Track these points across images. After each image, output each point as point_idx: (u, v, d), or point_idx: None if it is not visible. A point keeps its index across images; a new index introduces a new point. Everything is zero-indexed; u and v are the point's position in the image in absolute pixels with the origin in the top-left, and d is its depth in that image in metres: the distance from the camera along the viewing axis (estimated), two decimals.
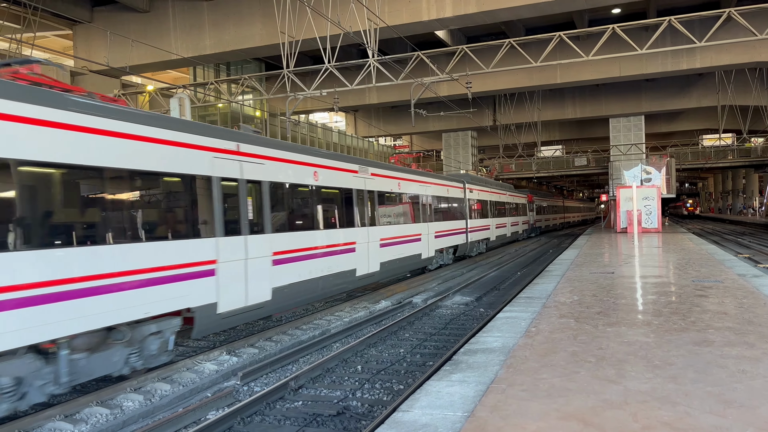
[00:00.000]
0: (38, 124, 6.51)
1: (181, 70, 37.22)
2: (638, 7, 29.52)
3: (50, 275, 6.45)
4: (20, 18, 23.18)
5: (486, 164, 53.16)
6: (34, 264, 6.28)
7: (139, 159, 7.86)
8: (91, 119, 7.19)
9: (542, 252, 30.16)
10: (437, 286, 17.56)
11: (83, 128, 7.06)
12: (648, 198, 31.01)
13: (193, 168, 8.83)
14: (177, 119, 8.88)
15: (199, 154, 8.96)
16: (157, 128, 8.21)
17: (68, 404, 6.94)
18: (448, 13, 21.79)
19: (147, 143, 8.01)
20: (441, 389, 5.21)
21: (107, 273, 7.17)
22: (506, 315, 8.54)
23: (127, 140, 7.67)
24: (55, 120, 6.71)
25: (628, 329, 7.30)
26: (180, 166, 8.60)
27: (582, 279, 12.34)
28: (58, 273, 6.53)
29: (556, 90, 42.37)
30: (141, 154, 7.90)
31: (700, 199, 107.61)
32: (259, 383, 8.21)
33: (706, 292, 9.99)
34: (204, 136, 9.14)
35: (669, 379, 5.28)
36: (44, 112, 6.58)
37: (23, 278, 6.17)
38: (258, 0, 23.99)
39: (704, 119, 49.47)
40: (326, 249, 12.52)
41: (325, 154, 13.18)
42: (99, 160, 7.24)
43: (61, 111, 6.80)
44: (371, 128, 47.72)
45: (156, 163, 8.16)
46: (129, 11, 25.42)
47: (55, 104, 6.75)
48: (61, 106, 6.80)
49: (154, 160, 8.12)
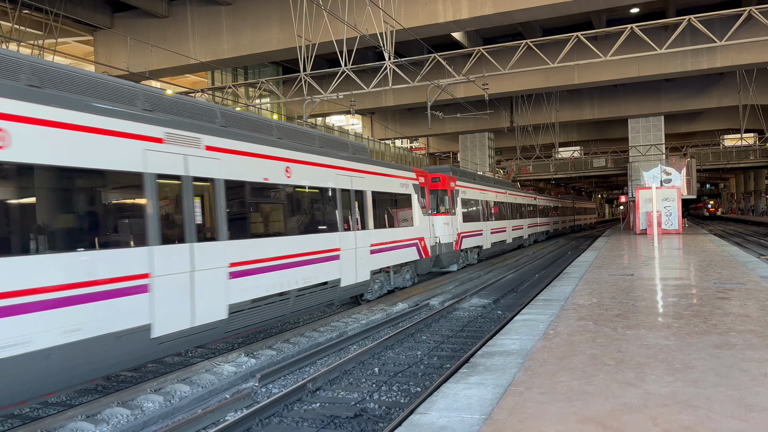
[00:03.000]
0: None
1: (199, 75, 37.60)
2: (657, 6, 29.23)
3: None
4: (42, 24, 23.59)
5: (503, 166, 52.94)
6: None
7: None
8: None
9: (560, 254, 29.96)
10: (454, 288, 17.51)
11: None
12: (668, 199, 30.65)
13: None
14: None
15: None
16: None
17: (90, 404, 7.04)
18: (465, 14, 21.76)
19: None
20: (458, 392, 5.20)
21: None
22: (524, 317, 8.50)
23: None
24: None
25: (648, 332, 7.22)
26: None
27: (601, 281, 12.24)
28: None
29: (573, 91, 42.09)
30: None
31: (721, 200, 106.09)
32: (277, 385, 8.26)
33: (728, 295, 9.85)
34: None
35: (690, 382, 5.22)
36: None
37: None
38: (275, 4, 24.17)
39: (725, 119, 48.80)
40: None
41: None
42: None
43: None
44: (387, 131, 47.77)
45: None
46: (148, 17, 25.75)
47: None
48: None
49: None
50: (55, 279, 6.33)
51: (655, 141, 40.23)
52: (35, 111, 6.33)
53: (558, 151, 52.25)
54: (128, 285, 7.21)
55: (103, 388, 8.32)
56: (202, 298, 8.38)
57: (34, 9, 23.09)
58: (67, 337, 6.42)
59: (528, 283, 18.49)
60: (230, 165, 9.23)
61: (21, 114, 6.17)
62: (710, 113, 48.76)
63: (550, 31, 32.37)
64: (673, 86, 40.00)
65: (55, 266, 6.36)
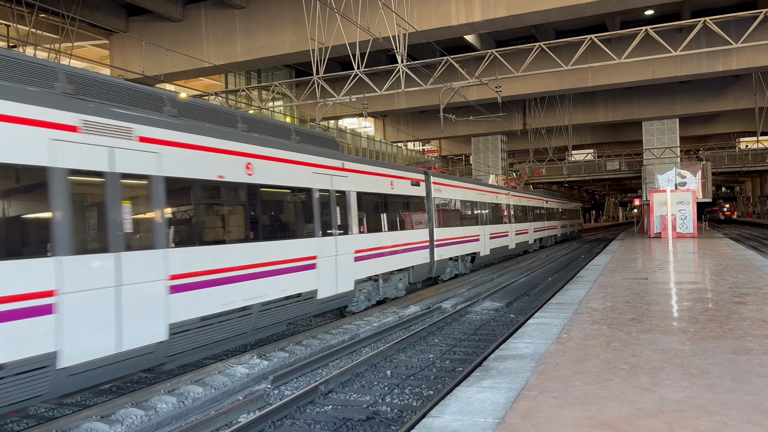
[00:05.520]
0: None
1: (213, 78, 37.82)
2: (672, 8, 29.01)
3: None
4: (59, 28, 23.88)
5: (516, 168, 52.75)
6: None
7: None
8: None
9: (573, 257, 29.76)
10: (466, 292, 17.46)
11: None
12: (683, 202, 30.38)
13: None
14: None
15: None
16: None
17: (104, 405, 7.09)
18: (478, 17, 21.72)
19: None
20: (471, 395, 5.18)
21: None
22: (537, 321, 8.45)
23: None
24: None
25: (663, 336, 7.16)
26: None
27: (615, 285, 12.14)
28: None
29: (587, 93, 41.84)
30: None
31: (737, 203, 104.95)
32: (289, 387, 8.28)
33: (744, 299, 9.74)
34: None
35: (706, 387, 5.16)
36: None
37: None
38: (288, 8, 24.28)
39: (741, 122, 48.29)
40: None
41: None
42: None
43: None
44: (400, 133, 47.78)
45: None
46: (163, 20, 25.98)
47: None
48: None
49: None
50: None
51: (670, 144, 39.88)
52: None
53: (571, 153, 51.97)
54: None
55: (117, 388, 8.39)
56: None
57: (51, 13, 23.38)
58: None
59: (541, 287, 18.39)
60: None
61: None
62: (726, 116, 48.26)
63: (564, 34, 32.23)
64: (688, 88, 39.65)
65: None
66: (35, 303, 6.01)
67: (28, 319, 5.94)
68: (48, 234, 6.24)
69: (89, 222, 6.80)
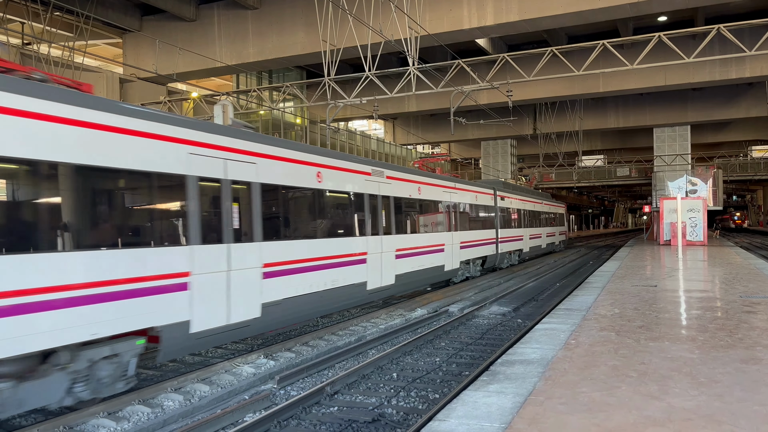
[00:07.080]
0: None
1: (224, 78, 38.02)
2: (685, 14, 28.88)
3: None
4: (73, 27, 24.07)
5: (525, 173, 52.61)
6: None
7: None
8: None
9: (582, 263, 29.64)
10: (474, 296, 17.42)
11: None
12: (693, 210, 30.20)
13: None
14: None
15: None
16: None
17: (112, 402, 7.13)
18: (490, 21, 21.71)
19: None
20: (478, 399, 5.17)
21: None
22: (545, 326, 8.42)
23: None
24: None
25: (672, 344, 7.11)
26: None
27: (623, 292, 12.08)
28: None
29: (598, 99, 41.70)
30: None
31: (748, 212, 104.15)
32: (295, 387, 8.29)
33: (755, 308, 9.66)
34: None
35: (715, 396, 5.13)
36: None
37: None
38: (300, 9, 24.36)
39: (753, 130, 47.95)
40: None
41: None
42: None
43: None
44: (410, 136, 47.79)
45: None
46: (176, 20, 26.14)
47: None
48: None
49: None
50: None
51: (681, 151, 39.65)
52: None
53: (581, 159, 51.77)
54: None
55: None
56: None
57: (66, 11, 23.58)
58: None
59: (548, 292, 18.32)
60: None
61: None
62: (738, 123, 47.95)
63: (576, 39, 32.16)
64: (701, 95, 39.42)
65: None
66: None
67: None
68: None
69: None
